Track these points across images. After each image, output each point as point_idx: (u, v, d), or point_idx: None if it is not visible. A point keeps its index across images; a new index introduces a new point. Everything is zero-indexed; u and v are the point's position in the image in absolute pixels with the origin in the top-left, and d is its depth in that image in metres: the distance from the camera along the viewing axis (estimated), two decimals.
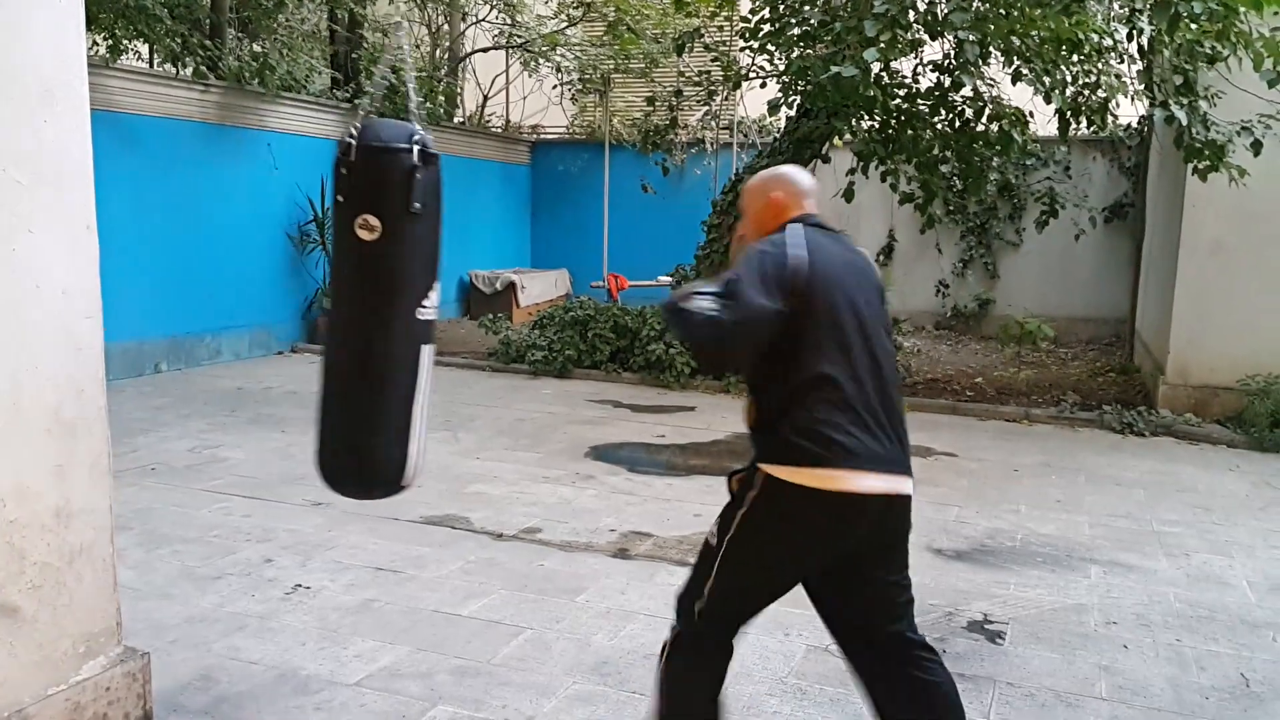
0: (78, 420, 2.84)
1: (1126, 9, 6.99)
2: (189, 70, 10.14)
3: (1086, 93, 7.51)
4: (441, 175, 2.71)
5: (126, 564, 4.24)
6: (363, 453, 2.78)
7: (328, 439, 2.79)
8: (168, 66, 10.66)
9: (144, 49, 11.08)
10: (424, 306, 2.70)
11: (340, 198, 2.64)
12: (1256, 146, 7.07)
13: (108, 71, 8.94)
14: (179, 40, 10.06)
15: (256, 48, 11.35)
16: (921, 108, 8.42)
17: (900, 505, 2.51)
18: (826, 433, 2.38)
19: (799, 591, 4.30)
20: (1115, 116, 8.00)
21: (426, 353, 2.75)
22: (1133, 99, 7.48)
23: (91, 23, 9.39)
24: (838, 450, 2.37)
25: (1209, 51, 6.98)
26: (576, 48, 14.72)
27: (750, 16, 8.70)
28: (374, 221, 2.58)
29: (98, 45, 10.16)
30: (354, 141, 2.60)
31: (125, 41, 10.36)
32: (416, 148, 2.60)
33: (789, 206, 2.64)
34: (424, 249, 2.70)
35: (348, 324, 2.76)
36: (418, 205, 2.60)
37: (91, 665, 2.93)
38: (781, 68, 8.74)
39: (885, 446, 2.47)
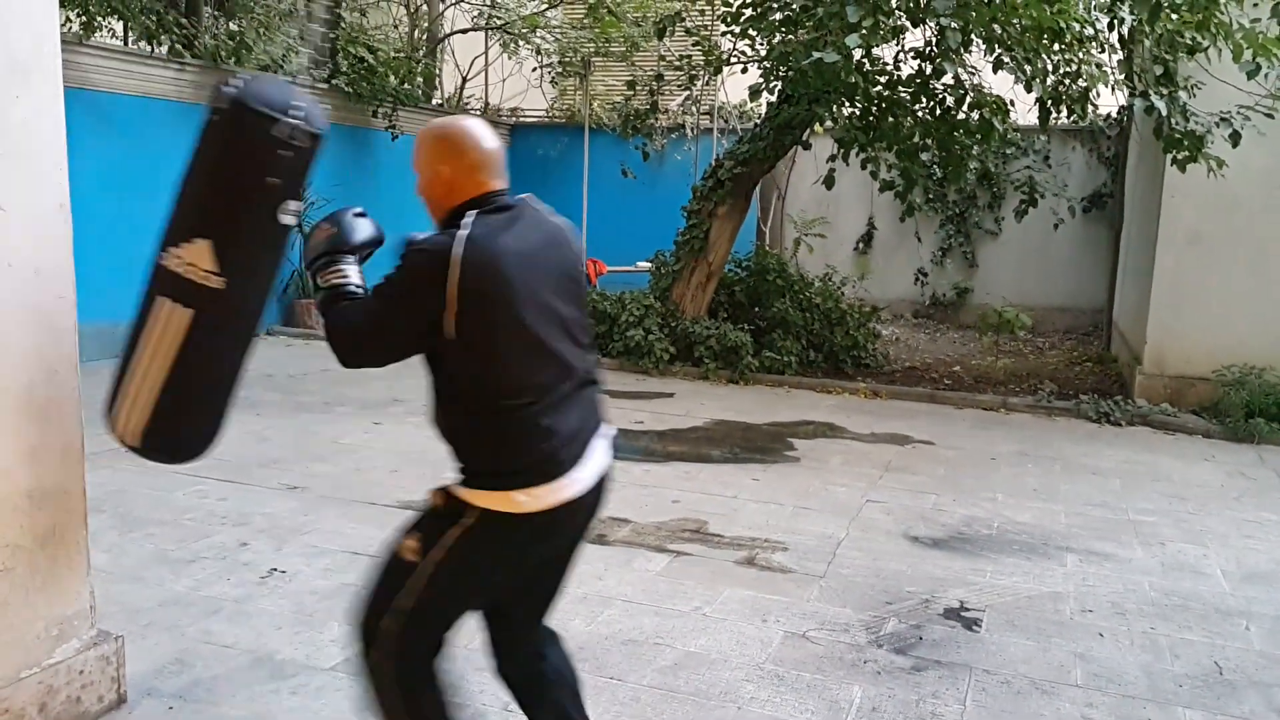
0: (50, 402, 2.80)
1: None
2: (164, 48, 10.01)
3: (1067, 82, 7.52)
4: (235, 132, 2.38)
5: (100, 547, 4.19)
6: (110, 390, 2.54)
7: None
8: (143, 44, 10.50)
9: (118, 26, 10.90)
10: (169, 252, 2.40)
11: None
12: (1235, 138, 7.11)
13: (81, 49, 8.81)
14: (154, 18, 9.91)
15: (233, 26, 11.20)
16: (903, 95, 8.42)
17: (606, 478, 2.44)
18: (533, 446, 2.23)
19: (780, 579, 4.30)
20: (1095, 106, 8.02)
21: (162, 305, 2.39)
22: (1113, 89, 7.51)
23: None
24: (547, 464, 2.24)
25: (1189, 42, 7.00)
26: (556, 30, 14.63)
27: (732, 1, 8.66)
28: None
29: (71, 22, 9.98)
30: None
31: (99, 18, 10.19)
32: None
33: (464, 187, 2.31)
34: (193, 191, 2.44)
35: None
36: (202, 147, 2.40)
37: (64, 648, 2.90)
38: (763, 53, 8.72)
39: (585, 426, 2.34)
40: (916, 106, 8.49)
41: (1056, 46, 7.11)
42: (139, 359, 2.42)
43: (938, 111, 8.48)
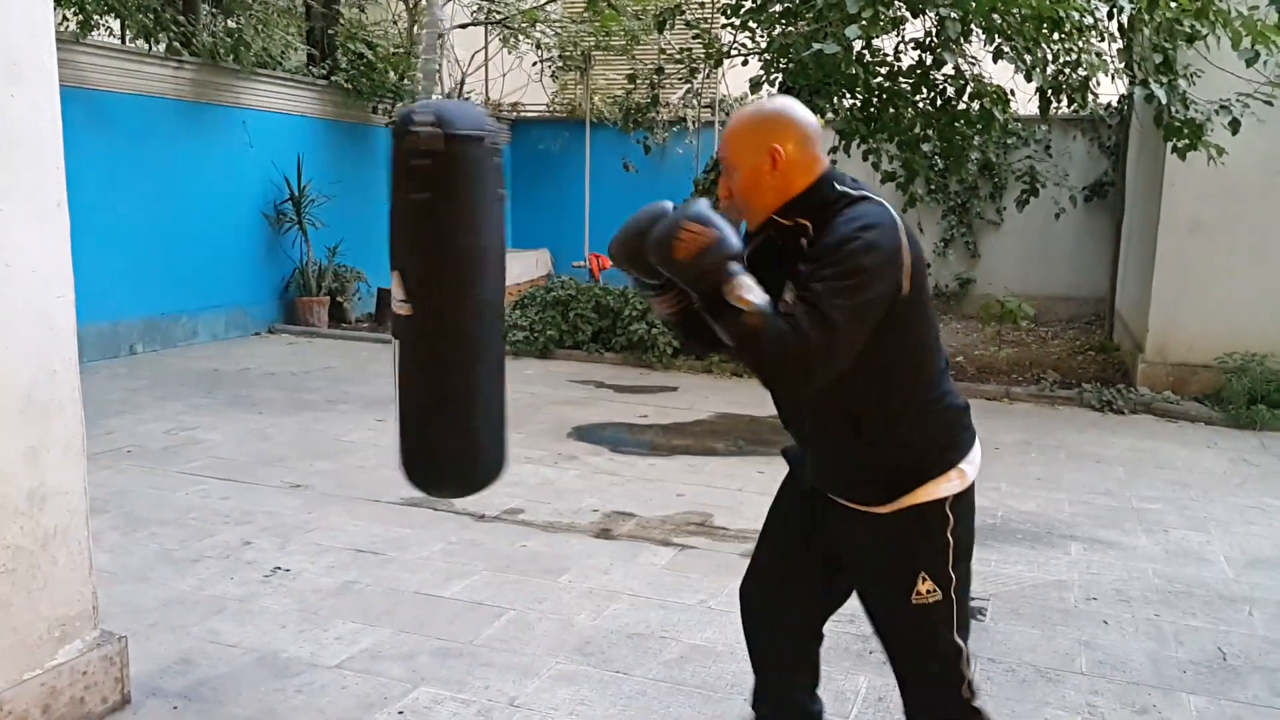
0: (50, 402, 2.79)
1: None
2: (162, 46, 9.99)
3: (1067, 71, 7.50)
4: (412, 154, 2.46)
5: (103, 547, 4.20)
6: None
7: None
8: (140, 42, 10.49)
9: (115, 24, 10.89)
10: (399, 301, 2.50)
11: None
12: (1235, 125, 7.08)
13: (78, 47, 8.80)
14: (151, 16, 9.90)
15: (231, 23, 11.19)
16: (903, 86, 8.39)
17: None
18: (957, 422, 2.16)
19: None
20: (1095, 95, 7.98)
21: (395, 349, 2.54)
22: (1113, 77, 7.48)
23: None
24: (965, 436, 2.17)
25: (1188, 30, 6.98)
26: (556, 24, 14.60)
27: None
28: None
29: (68, 20, 9.97)
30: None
31: (96, 17, 10.18)
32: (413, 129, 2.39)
33: (813, 160, 2.10)
34: (404, 238, 2.51)
35: None
36: (424, 195, 2.43)
37: (67, 649, 2.90)
38: (763, 45, 8.69)
39: None
40: (917, 97, 8.47)
41: (1056, 36, 7.09)
42: (400, 398, 2.57)
43: (938, 102, 8.46)
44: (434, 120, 2.32)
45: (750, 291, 1.91)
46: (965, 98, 8.23)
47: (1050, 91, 7.47)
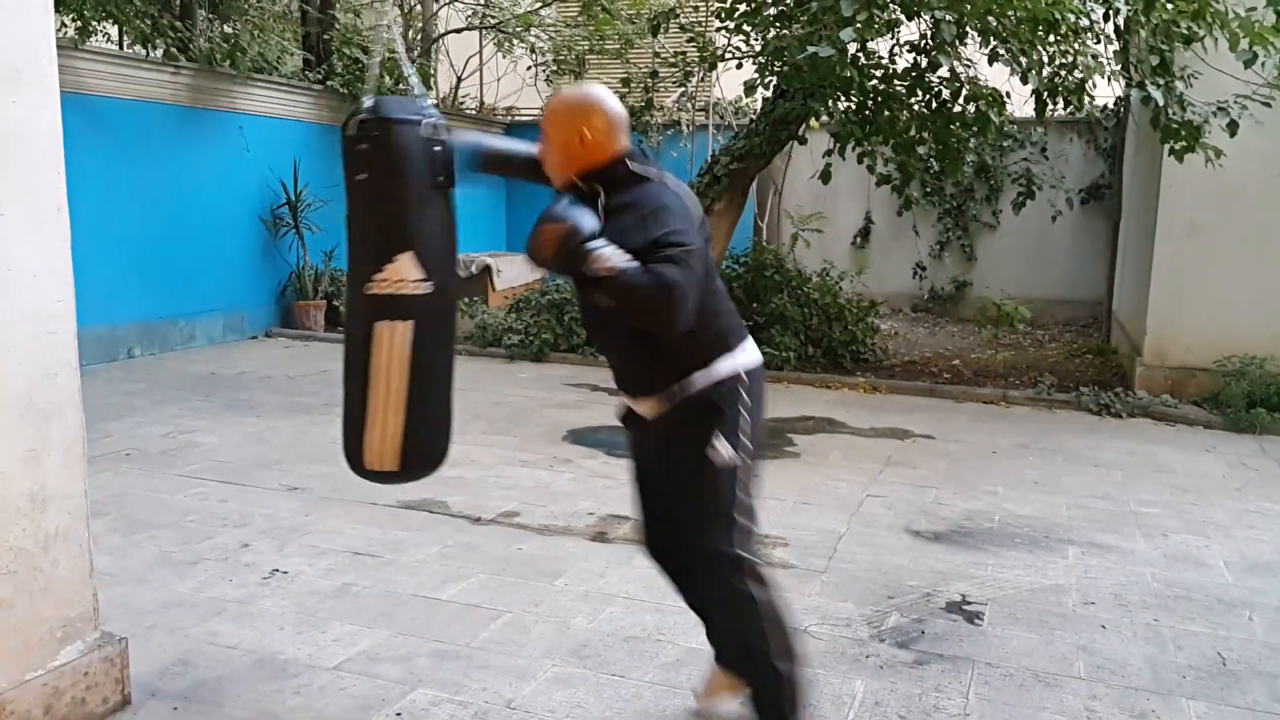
0: (51, 405, 2.80)
1: None
2: (159, 52, 10.00)
3: (1063, 73, 7.51)
4: (404, 143, 2.59)
5: (103, 549, 4.19)
6: (345, 431, 2.84)
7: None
8: (138, 48, 10.50)
9: (113, 31, 10.91)
10: (373, 281, 2.60)
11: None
12: (1232, 127, 7.09)
13: (76, 53, 8.80)
14: (149, 21, 9.92)
15: (227, 29, 11.20)
16: (898, 88, 8.40)
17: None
18: (730, 324, 2.68)
19: (781, 574, 4.31)
20: (1092, 97, 8.00)
21: (381, 330, 2.62)
22: (1109, 79, 7.49)
23: (60, 3, 9.24)
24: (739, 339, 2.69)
25: (1185, 32, 6.99)
26: (551, 28, 14.62)
27: None
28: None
29: (66, 26, 9.99)
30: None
31: (94, 23, 10.21)
32: (358, 116, 2.57)
33: (617, 140, 2.64)
34: (370, 219, 2.62)
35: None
36: (360, 175, 2.57)
37: (68, 650, 2.91)
38: (758, 48, 8.70)
39: None
40: (912, 100, 8.48)
41: (1052, 38, 7.10)
42: (375, 389, 2.64)
43: (934, 105, 8.47)
44: (371, 108, 2.55)
45: (612, 260, 2.31)
46: (961, 100, 8.24)
47: (1046, 94, 7.48)
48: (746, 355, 2.70)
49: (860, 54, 7.98)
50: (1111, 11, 6.83)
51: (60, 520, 2.85)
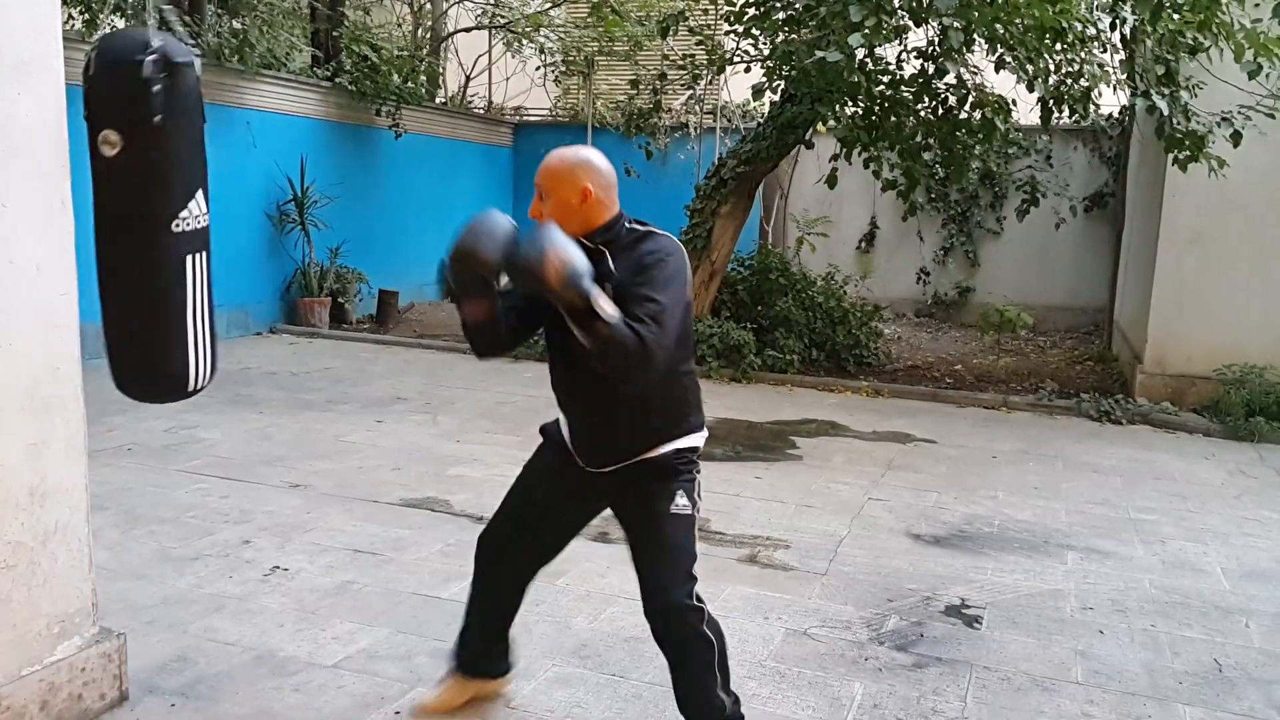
0: (53, 399, 2.81)
1: None
2: None
3: (1069, 82, 7.52)
4: (194, 83, 2.66)
5: (103, 544, 4.21)
6: (140, 361, 2.78)
7: (112, 349, 2.76)
8: None
9: (120, 24, 10.93)
10: (181, 218, 2.66)
11: (85, 114, 2.57)
12: (1236, 137, 7.10)
13: (84, 46, 8.82)
14: (157, 15, 9.92)
15: (236, 24, 11.22)
16: (905, 94, 8.42)
17: None
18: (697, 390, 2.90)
19: (782, 576, 4.32)
20: (1097, 106, 8.00)
21: (194, 261, 2.75)
22: (1115, 88, 7.51)
23: None
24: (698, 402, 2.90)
25: (1191, 42, 7.00)
26: (560, 29, 14.63)
27: (735, 0, 8.66)
28: (113, 137, 2.52)
29: (73, 19, 10.02)
30: (92, 56, 2.54)
31: (101, 15, 10.23)
32: (151, 58, 2.52)
33: (612, 201, 2.71)
34: (173, 160, 2.64)
35: (104, 241, 2.69)
36: (158, 118, 2.53)
37: (66, 646, 2.91)
38: (766, 52, 8.72)
39: None
40: (919, 106, 8.49)
41: (1058, 46, 7.11)
42: (193, 313, 2.77)
43: (940, 111, 8.48)
44: (160, 49, 2.60)
45: (608, 304, 2.38)
46: (967, 107, 8.25)
47: (1052, 102, 7.49)
48: (703, 436, 2.91)
49: (868, 60, 8.00)
50: (1118, 21, 6.83)
51: (60, 515, 2.86)
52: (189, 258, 2.72)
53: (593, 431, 2.80)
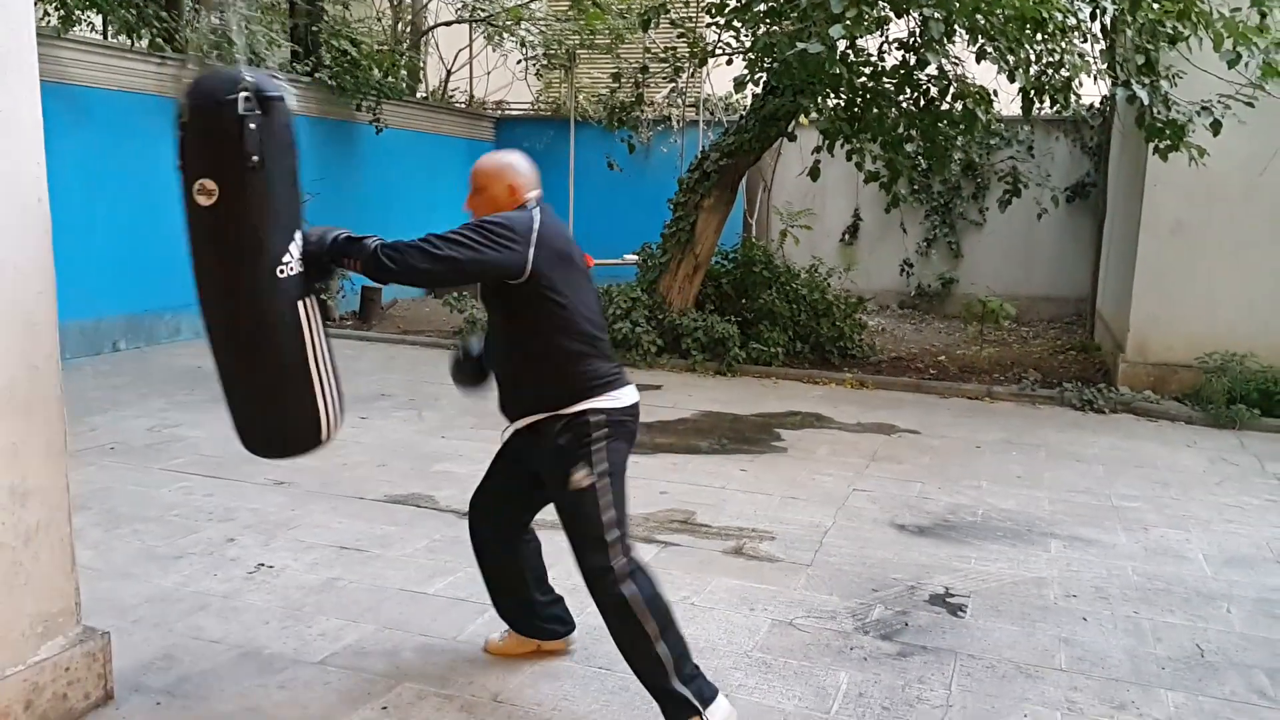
0: (32, 399, 2.79)
1: None
2: (144, 42, 9.94)
3: (1050, 72, 7.54)
4: (287, 119, 2.56)
5: (86, 544, 4.19)
6: (270, 421, 2.75)
7: (235, 413, 2.75)
8: (122, 38, 10.44)
9: (97, 20, 10.84)
10: (284, 264, 2.59)
11: (179, 164, 2.50)
12: (1216, 126, 7.14)
13: (59, 42, 8.75)
14: (134, 11, 9.86)
15: (214, 20, 11.13)
16: (887, 86, 8.43)
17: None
18: (596, 366, 3.00)
19: (768, 568, 4.32)
20: (1078, 96, 8.03)
21: (304, 307, 2.68)
22: (1095, 78, 7.53)
23: None
24: (611, 376, 3.04)
25: (1170, 31, 7.03)
26: (541, 22, 14.60)
27: None
28: (209, 185, 2.46)
29: (49, 15, 9.93)
30: (184, 102, 2.48)
31: (78, 12, 10.14)
32: (243, 95, 2.42)
33: (528, 196, 3.08)
34: (272, 204, 2.55)
35: (207, 299, 2.67)
36: (254, 158, 2.45)
37: (50, 645, 2.90)
38: (748, 44, 8.71)
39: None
40: (901, 97, 8.51)
41: (1039, 36, 7.13)
42: (316, 361, 2.72)
43: (922, 102, 8.50)
44: (254, 84, 2.50)
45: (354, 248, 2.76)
46: (948, 98, 8.27)
47: (1033, 92, 7.51)
48: (615, 402, 3.04)
49: (849, 51, 8.00)
50: (1098, 10, 6.86)
51: (41, 514, 2.84)
52: (299, 304, 2.66)
53: (501, 385, 3.13)
